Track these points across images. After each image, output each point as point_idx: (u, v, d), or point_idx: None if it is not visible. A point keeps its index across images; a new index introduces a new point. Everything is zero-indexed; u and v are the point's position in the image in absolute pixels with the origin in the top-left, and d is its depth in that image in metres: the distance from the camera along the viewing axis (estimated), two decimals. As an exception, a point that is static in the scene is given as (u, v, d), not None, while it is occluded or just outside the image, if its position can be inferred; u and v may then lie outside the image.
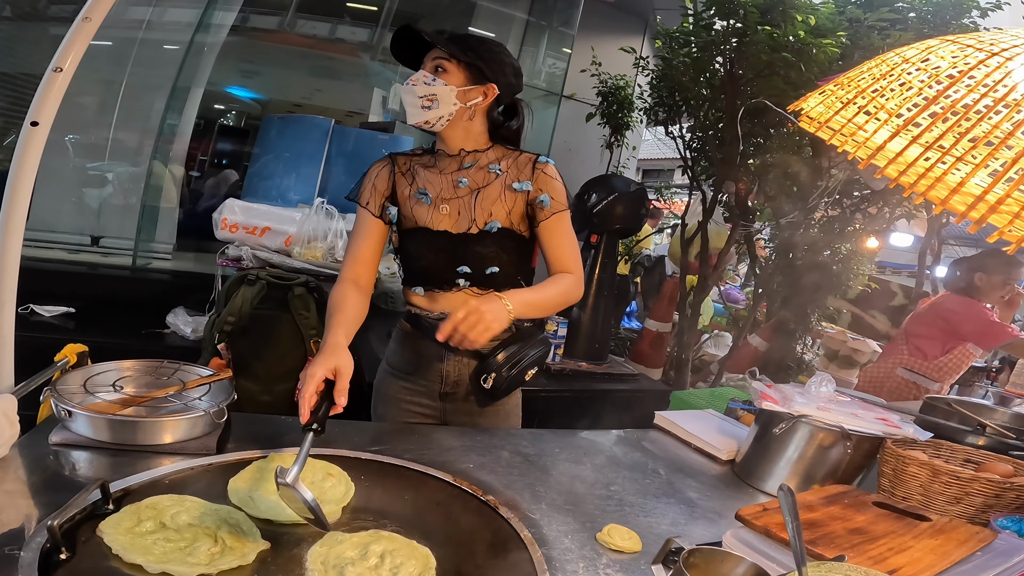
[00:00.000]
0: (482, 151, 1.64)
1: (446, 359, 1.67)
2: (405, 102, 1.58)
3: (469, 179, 1.62)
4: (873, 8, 3.45)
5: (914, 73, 0.91)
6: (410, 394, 1.72)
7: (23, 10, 4.21)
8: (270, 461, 1.17)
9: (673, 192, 8.78)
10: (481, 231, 1.60)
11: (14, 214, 1.11)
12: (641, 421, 1.90)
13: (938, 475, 1.33)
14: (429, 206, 1.61)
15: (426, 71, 1.55)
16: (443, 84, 1.54)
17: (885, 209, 4.38)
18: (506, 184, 1.62)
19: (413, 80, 1.56)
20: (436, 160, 1.65)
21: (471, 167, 1.63)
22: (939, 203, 0.80)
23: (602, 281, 3.19)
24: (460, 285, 1.62)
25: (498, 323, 1.41)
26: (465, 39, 1.59)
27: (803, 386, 1.65)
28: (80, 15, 1.13)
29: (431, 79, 1.54)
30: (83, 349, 1.32)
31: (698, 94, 3.92)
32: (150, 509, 0.96)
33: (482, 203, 1.61)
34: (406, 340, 1.73)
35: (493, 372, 1.58)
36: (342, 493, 1.13)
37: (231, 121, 9.74)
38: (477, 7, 5.87)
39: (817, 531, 1.10)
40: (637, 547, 1.12)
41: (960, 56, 0.85)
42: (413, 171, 1.66)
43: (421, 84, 1.54)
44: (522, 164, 1.65)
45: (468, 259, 1.60)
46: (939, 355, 3.12)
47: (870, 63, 1.05)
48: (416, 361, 1.70)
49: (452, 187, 1.62)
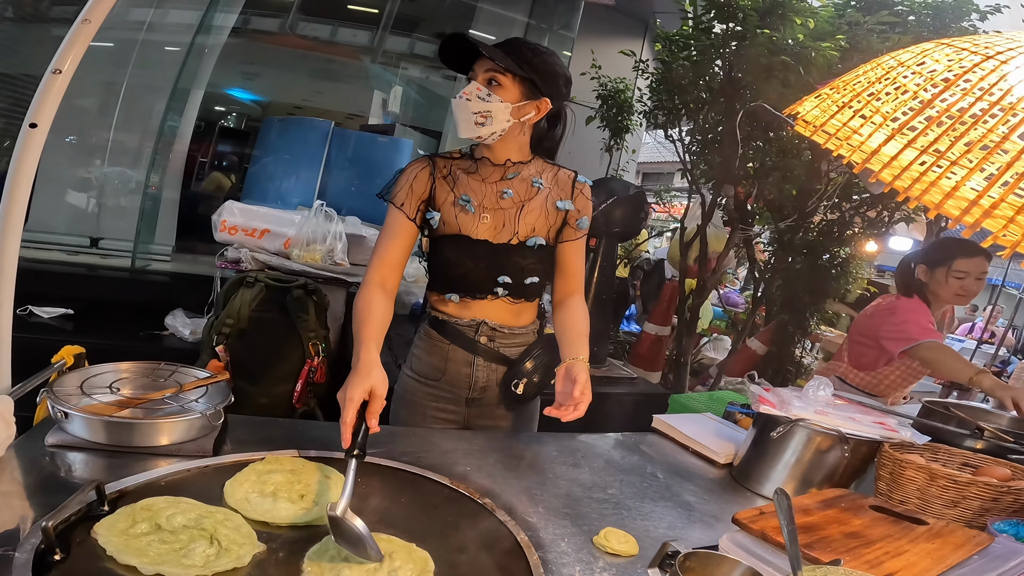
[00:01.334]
0: (525, 163, 1.63)
1: (475, 365, 1.67)
2: (457, 116, 1.52)
3: (513, 191, 1.61)
4: (872, 11, 3.46)
5: (909, 77, 0.91)
6: (436, 400, 1.71)
7: (25, 11, 4.22)
8: (267, 463, 1.16)
9: (672, 196, 8.78)
10: (521, 243, 1.60)
11: (12, 215, 1.11)
12: (639, 424, 1.90)
13: (935, 479, 1.33)
14: (472, 214, 1.59)
15: (479, 83, 1.48)
16: (499, 101, 1.48)
17: (884, 213, 4.38)
18: (549, 200, 1.63)
19: (466, 94, 1.49)
20: (478, 167, 1.62)
21: (514, 178, 1.61)
22: (934, 207, 0.80)
23: (601, 285, 3.18)
24: (498, 294, 1.62)
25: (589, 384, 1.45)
26: (519, 49, 1.51)
27: (801, 390, 1.65)
28: (80, 17, 1.13)
29: (486, 94, 1.48)
30: (80, 351, 1.32)
31: (697, 97, 3.92)
32: (145, 511, 0.96)
33: (525, 217, 1.61)
34: (434, 347, 1.69)
35: (524, 378, 1.63)
36: (339, 495, 1.12)
37: (231, 123, 9.76)
38: (478, 10, 5.89)
39: (813, 535, 1.10)
40: (634, 550, 1.12)
41: (956, 59, 0.85)
42: (454, 176, 1.61)
43: (476, 99, 1.48)
44: (563, 182, 1.65)
45: (508, 269, 1.60)
46: (880, 366, 2.60)
47: (865, 66, 1.05)
48: (444, 367, 1.68)
49: (496, 197, 1.60)
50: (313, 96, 8.76)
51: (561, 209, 1.63)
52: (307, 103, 8.84)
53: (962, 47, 0.86)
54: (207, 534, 0.93)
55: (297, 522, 1.02)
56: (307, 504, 1.08)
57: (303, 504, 1.08)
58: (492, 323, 1.64)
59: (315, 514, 1.05)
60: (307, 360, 2.66)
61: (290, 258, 3.13)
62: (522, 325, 1.69)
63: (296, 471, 1.16)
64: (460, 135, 1.55)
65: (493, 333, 1.65)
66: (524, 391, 1.65)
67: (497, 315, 1.65)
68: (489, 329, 1.65)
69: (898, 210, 4.32)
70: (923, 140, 0.81)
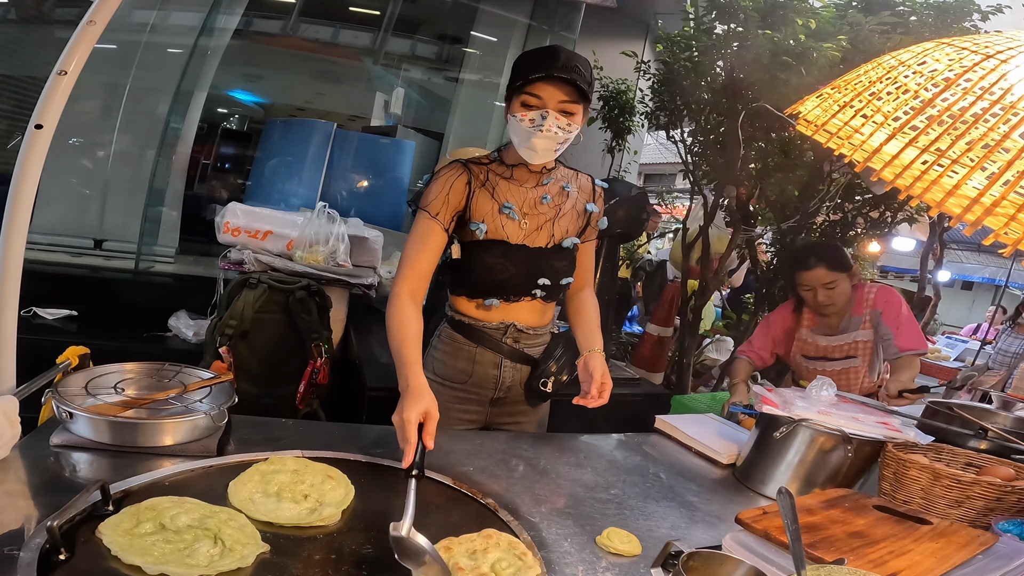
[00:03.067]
0: (553, 168, 1.66)
1: (503, 366, 1.70)
2: (539, 146, 1.50)
3: (551, 196, 1.64)
4: (874, 12, 3.45)
5: (910, 76, 0.91)
6: (460, 402, 1.73)
7: (28, 13, 4.23)
8: (270, 464, 1.17)
9: (675, 196, 8.78)
10: (557, 245, 1.64)
11: (17, 217, 1.12)
12: (642, 425, 1.91)
13: (939, 479, 1.33)
14: (516, 220, 1.61)
15: (557, 115, 1.47)
16: (576, 129, 1.51)
17: (887, 213, 4.37)
18: (578, 203, 1.68)
19: (550, 127, 1.47)
20: (513, 172, 1.63)
21: (549, 183, 1.65)
22: (935, 205, 0.80)
23: (603, 286, 3.18)
24: (535, 296, 1.66)
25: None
26: (582, 72, 1.48)
27: (804, 390, 1.65)
28: (84, 19, 1.13)
29: (566, 124, 1.49)
30: (85, 351, 1.33)
31: (699, 98, 3.91)
32: (150, 510, 0.96)
33: (560, 220, 1.65)
34: (459, 350, 1.70)
35: (552, 376, 1.69)
36: (342, 496, 1.13)
37: (234, 125, 9.77)
38: (479, 11, 5.89)
39: (817, 534, 1.10)
40: (636, 550, 1.12)
41: (956, 59, 0.85)
42: (492, 183, 1.61)
43: (559, 132, 1.48)
44: (585, 185, 1.71)
45: (547, 272, 1.64)
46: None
47: (866, 66, 1.05)
48: (471, 370, 1.70)
49: (534, 202, 1.63)
50: (315, 98, 8.78)
51: (590, 211, 1.69)
52: (309, 105, 8.85)
53: (963, 46, 0.86)
54: (211, 534, 0.94)
55: (301, 523, 1.03)
56: (311, 504, 1.08)
57: (307, 504, 1.08)
58: (520, 325, 1.68)
59: (319, 514, 1.05)
60: (310, 361, 2.66)
61: (293, 259, 3.13)
62: (544, 325, 1.73)
63: (300, 471, 1.16)
64: (534, 162, 1.55)
65: (519, 335, 1.69)
66: (552, 388, 1.70)
67: (527, 317, 1.69)
68: (516, 331, 1.68)
69: (901, 210, 4.30)
70: (924, 139, 0.81)
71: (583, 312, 1.75)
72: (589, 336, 1.67)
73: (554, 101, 1.47)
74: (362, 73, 7.54)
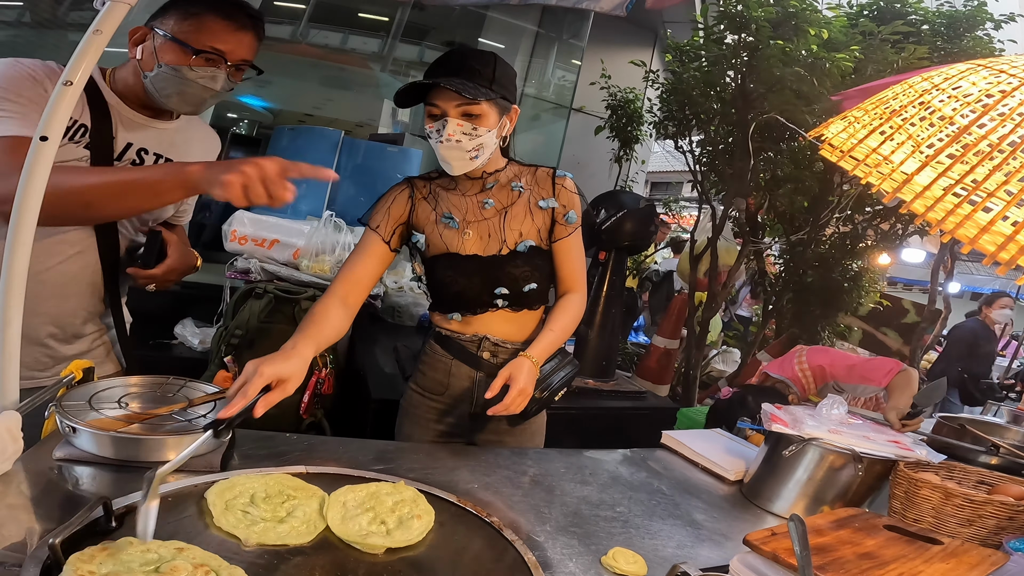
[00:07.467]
0: (501, 170, 1.62)
1: (478, 381, 1.67)
2: (447, 157, 1.48)
3: (494, 200, 1.60)
4: (886, 21, 3.43)
5: (946, 101, 0.88)
6: (440, 414, 1.71)
7: (42, 16, 4.25)
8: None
9: (682, 206, 8.76)
10: (512, 251, 1.59)
11: (23, 228, 1.11)
12: (648, 439, 1.89)
13: (951, 498, 1.31)
14: (457, 230, 1.59)
15: (457, 121, 1.44)
16: (486, 132, 1.46)
17: (897, 225, 4.35)
18: (531, 202, 1.62)
19: (451, 135, 1.44)
20: (457, 183, 1.61)
21: (493, 187, 1.61)
22: (968, 242, 0.77)
23: (610, 299, 3.15)
24: (498, 306, 1.62)
25: (532, 385, 1.49)
26: (477, 70, 1.45)
27: (814, 408, 1.63)
28: (91, 28, 1.13)
29: (471, 129, 1.44)
30: (89, 365, 1.32)
31: (708, 108, 3.91)
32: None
33: (510, 223, 1.60)
34: (438, 362, 1.70)
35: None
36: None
37: (243, 130, 9.80)
38: (487, 19, 5.91)
39: (826, 556, 1.08)
40: (643, 571, 1.11)
41: (994, 83, 0.82)
42: (435, 195, 1.62)
43: (464, 138, 1.45)
44: (542, 180, 1.64)
45: (503, 280, 1.59)
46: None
47: (895, 88, 1.02)
48: (447, 383, 1.69)
49: (478, 209, 1.60)
50: (323, 104, 8.80)
51: (545, 208, 1.62)
52: (317, 111, 8.87)
53: (1000, 68, 0.83)
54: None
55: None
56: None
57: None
58: (494, 339, 1.65)
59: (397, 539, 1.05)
60: (315, 371, 2.65)
61: (299, 268, 3.14)
62: (524, 339, 1.67)
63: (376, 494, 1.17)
64: (454, 173, 1.53)
65: (496, 349, 1.65)
66: (527, 408, 1.58)
67: (500, 329, 1.65)
68: (492, 345, 1.65)
69: (911, 222, 4.28)
70: (960, 168, 0.77)
71: (553, 315, 1.63)
72: (538, 341, 1.57)
73: (452, 107, 1.44)
74: (370, 80, 7.56)
